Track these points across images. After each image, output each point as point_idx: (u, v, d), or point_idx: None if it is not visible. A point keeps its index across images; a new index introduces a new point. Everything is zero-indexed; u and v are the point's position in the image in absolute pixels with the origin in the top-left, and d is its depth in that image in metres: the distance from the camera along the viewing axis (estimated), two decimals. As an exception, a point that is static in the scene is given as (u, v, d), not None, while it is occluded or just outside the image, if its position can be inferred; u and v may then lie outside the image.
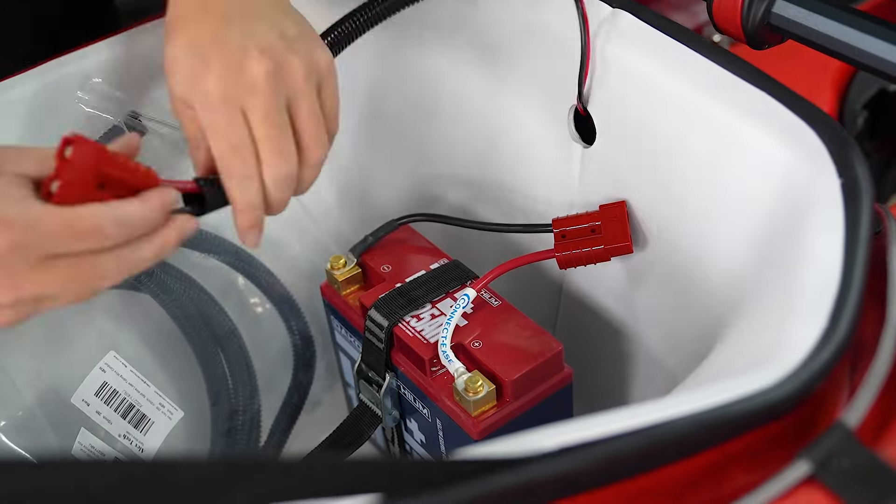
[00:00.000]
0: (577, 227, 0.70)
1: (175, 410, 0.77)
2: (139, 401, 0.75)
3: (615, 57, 0.66)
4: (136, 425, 0.75)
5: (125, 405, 0.75)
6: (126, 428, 0.74)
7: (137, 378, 0.75)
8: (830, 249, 0.51)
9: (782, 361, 0.46)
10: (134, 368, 0.75)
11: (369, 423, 0.75)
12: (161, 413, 0.76)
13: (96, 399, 0.73)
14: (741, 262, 0.61)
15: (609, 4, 0.67)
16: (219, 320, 0.80)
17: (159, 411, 0.76)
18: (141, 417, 0.76)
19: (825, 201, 0.53)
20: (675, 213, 0.66)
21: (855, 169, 0.54)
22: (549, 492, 0.43)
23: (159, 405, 0.76)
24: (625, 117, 0.67)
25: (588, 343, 0.79)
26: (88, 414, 0.73)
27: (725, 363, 0.53)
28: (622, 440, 0.43)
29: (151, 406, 0.76)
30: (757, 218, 0.59)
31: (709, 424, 0.44)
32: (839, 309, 0.48)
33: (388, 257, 0.76)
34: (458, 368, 0.66)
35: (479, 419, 0.66)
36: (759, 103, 0.59)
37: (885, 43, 0.59)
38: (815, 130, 0.57)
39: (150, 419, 0.76)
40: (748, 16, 0.65)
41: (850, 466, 0.44)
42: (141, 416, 0.76)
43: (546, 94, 0.72)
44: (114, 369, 0.74)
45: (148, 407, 0.76)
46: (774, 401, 0.45)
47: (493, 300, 0.71)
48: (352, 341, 0.78)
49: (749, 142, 0.59)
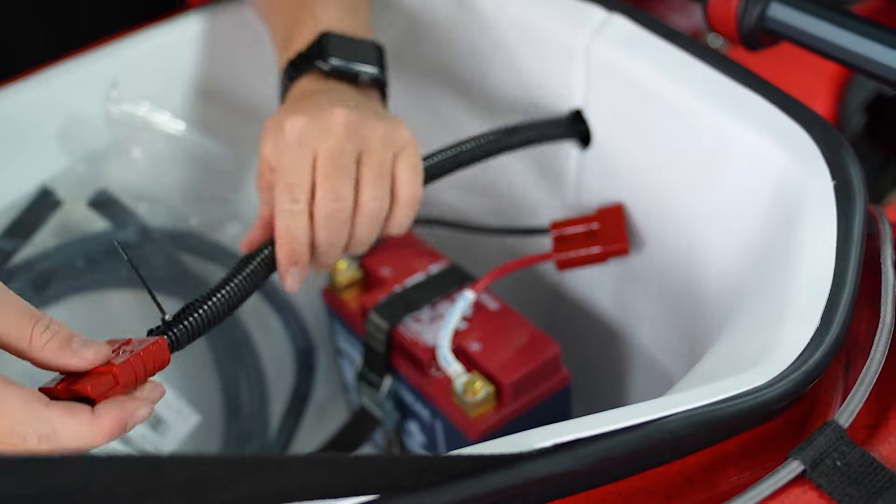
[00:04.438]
0: (575, 229, 0.70)
1: (192, 415, 0.78)
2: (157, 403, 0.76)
3: (611, 60, 0.66)
4: (154, 427, 0.76)
5: None
6: (142, 430, 0.75)
7: None
8: (823, 250, 0.51)
9: (775, 362, 0.47)
10: None
11: (370, 425, 0.75)
12: (178, 417, 0.77)
13: None
14: (736, 264, 0.61)
15: (605, 9, 0.68)
16: (234, 326, 0.80)
17: (177, 415, 0.77)
18: (158, 420, 0.76)
19: (818, 203, 0.53)
20: (671, 216, 0.67)
21: (848, 171, 0.54)
22: (545, 490, 0.43)
23: (177, 409, 0.77)
24: (621, 121, 0.68)
25: (586, 345, 0.80)
26: None
27: (720, 363, 0.53)
28: (616, 439, 0.43)
29: (170, 410, 0.76)
30: (751, 220, 0.60)
31: (702, 424, 0.44)
32: (831, 309, 0.48)
33: (389, 261, 0.77)
34: (456, 370, 0.66)
35: (477, 421, 0.66)
36: (754, 106, 0.59)
37: (878, 45, 0.59)
38: (808, 133, 0.57)
39: (167, 422, 0.76)
40: (743, 18, 0.65)
41: (842, 466, 0.44)
42: (158, 419, 0.76)
43: (543, 98, 0.73)
44: None
45: (165, 410, 0.76)
46: (767, 401, 0.45)
47: (492, 303, 0.71)
48: (352, 344, 0.78)
49: (743, 145, 0.59)
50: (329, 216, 0.58)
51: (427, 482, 0.40)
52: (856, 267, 0.50)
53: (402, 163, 0.60)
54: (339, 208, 0.57)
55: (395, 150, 0.60)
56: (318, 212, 0.58)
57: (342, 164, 0.57)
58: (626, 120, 0.67)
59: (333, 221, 0.58)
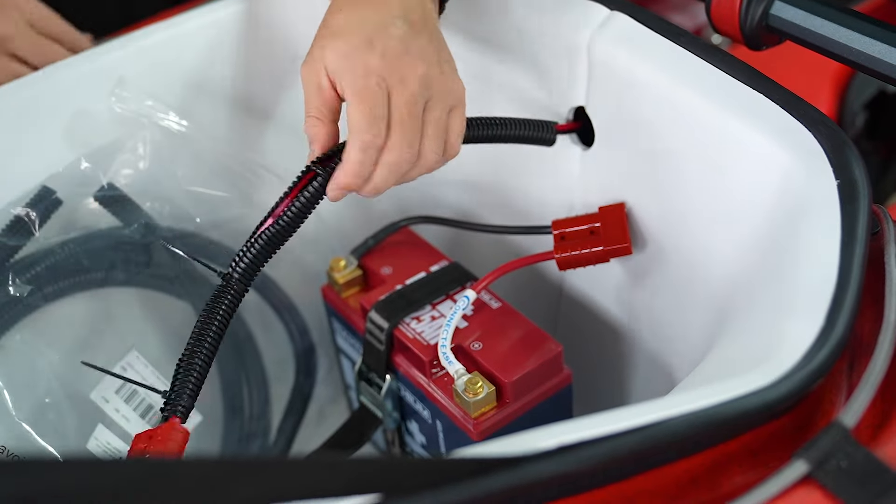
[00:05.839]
0: (577, 228, 0.70)
1: (194, 415, 0.77)
2: (158, 402, 0.75)
3: (613, 59, 0.66)
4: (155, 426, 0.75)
5: (144, 405, 0.74)
6: (143, 427, 0.74)
7: (158, 379, 0.75)
8: (827, 250, 0.51)
9: (779, 361, 0.46)
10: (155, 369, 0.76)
11: (370, 424, 0.75)
12: None
13: (116, 397, 0.73)
14: (739, 263, 0.61)
15: (607, 7, 0.67)
16: (238, 326, 0.80)
17: None
18: (160, 419, 0.75)
19: (822, 202, 0.53)
20: (673, 215, 0.66)
21: (852, 170, 0.54)
22: (548, 491, 0.43)
23: None
24: (623, 119, 0.67)
25: (587, 344, 0.79)
26: (107, 411, 0.73)
27: (723, 363, 0.53)
28: (620, 439, 0.43)
29: None
30: (754, 219, 0.59)
31: (707, 424, 0.44)
32: (836, 309, 0.48)
33: (389, 259, 0.76)
34: (458, 370, 0.66)
35: (479, 420, 0.66)
36: (757, 105, 0.59)
37: (881, 44, 0.59)
38: (812, 132, 0.57)
39: None
40: (746, 17, 0.65)
41: (847, 466, 0.44)
42: (160, 417, 0.75)
43: (545, 96, 0.72)
44: (135, 368, 0.75)
45: None
46: (772, 400, 0.45)
47: (493, 302, 0.71)
48: (352, 343, 0.78)
49: (746, 143, 0.59)
50: (398, 162, 0.59)
51: (431, 483, 0.40)
52: (860, 266, 0.50)
53: (454, 119, 0.62)
54: (409, 158, 0.60)
55: (452, 104, 0.61)
56: (388, 156, 0.59)
57: (417, 114, 0.59)
58: (628, 118, 0.67)
59: (399, 167, 0.60)
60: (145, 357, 0.75)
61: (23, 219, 0.69)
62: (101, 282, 0.74)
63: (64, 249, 0.71)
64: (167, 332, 0.80)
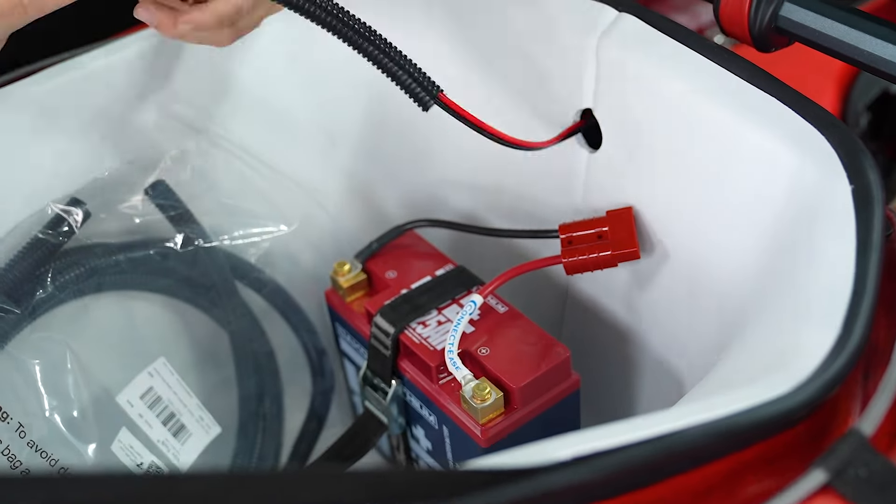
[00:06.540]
0: (584, 232, 0.69)
1: (213, 426, 0.77)
2: (181, 410, 0.75)
3: (621, 61, 0.65)
4: (175, 434, 0.75)
5: (166, 412, 0.75)
6: (165, 435, 0.74)
7: (182, 388, 0.75)
8: (843, 255, 0.50)
9: (796, 369, 0.46)
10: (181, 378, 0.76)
11: (375, 430, 0.74)
12: (200, 426, 0.76)
13: (140, 402, 0.73)
14: (750, 268, 0.60)
15: (615, 8, 0.67)
16: (261, 341, 0.80)
17: (199, 424, 0.76)
18: (181, 427, 0.75)
19: (836, 207, 0.52)
20: (682, 219, 0.66)
21: (867, 175, 0.53)
22: (560, 501, 0.42)
23: (199, 418, 0.76)
24: (631, 122, 0.67)
25: (595, 349, 0.79)
26: (131, 415, 0.73)
27: (736, 370, 0.53)
28: (636, 450, 0.42)
29: (192, 418, 0.76)
30: (766, 223, 0.59)
31: (724, 433, 0.43)
32: (853, 315, 0.47)
33: (394, 263, 0.76)
34: (465, 375, 0.65)
35: (486, 426, 0.65)
36: (768, 107, 0.59)
37: (894, 46, 0.59)
38: (824, 135, 0.56)
39: (189, 430, 0.76)
40: (755, 18, 0.64)
41: (866, 475, 0.43)
42: (181, 426, 0.75)
43: (552, 99, 0.72)
44: (161, 375, 0.75)
45: (188, 418, 0.76)
46: (789, 409, 0.44)
47: (500, 306, 0.71)
48: (357, 348, 0.77)
49: (757, 146, 0.59)
50: None
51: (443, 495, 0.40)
52: (876, 272, 0.49)
53: None
54: None
55: None
56: None
57: None
58: (636, 120, 0.66)
59: None
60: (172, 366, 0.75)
61: (64, 217, 0.69)
62: (137, 285, 0.74)
63: (103, 250, 0.71)
64: (193, 344, 0.80)
